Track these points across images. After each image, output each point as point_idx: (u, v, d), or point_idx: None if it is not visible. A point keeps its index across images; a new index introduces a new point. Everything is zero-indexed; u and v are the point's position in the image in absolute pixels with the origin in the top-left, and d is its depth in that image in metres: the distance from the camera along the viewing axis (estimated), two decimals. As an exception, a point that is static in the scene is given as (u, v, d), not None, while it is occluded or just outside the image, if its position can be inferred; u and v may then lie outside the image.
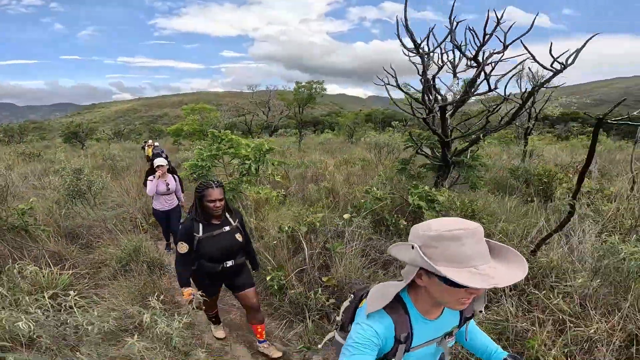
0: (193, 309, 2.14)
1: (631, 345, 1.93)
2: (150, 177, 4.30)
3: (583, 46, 3.06)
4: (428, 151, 4.70)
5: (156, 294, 1.93)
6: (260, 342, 2.58)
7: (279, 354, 2.53)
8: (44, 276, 2.88)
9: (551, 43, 3.02)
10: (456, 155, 4.11)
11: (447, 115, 4.06)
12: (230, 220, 2.35)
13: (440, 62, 4.18)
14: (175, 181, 4.47)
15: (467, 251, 0.82)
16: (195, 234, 2.21)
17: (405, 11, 3.61)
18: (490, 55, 3.86)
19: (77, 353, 1.61)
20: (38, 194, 5.60)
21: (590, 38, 3.03)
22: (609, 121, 1.96)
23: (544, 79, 4.05)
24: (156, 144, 12.46)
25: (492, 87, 3.66)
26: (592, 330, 1.93)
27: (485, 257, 0.84)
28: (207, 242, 2.23)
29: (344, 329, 1.14)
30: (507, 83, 3.91)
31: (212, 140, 4.54)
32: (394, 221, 3.29)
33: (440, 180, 4.31)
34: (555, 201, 3.62)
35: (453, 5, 3.75)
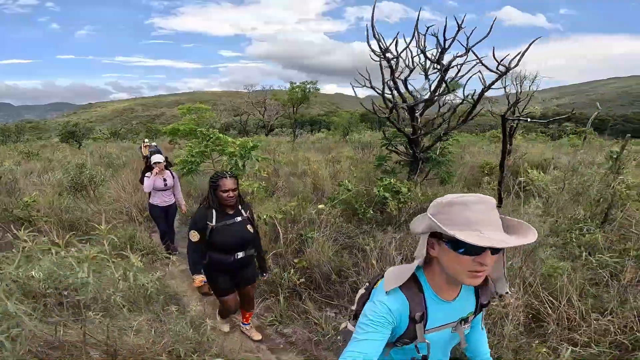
0: (203, 294, 2.19)
1: (535, 322, 2.32)
2: (147, 174, 4.34)
3: (526, 49, 3.45)
4: (403, 149, 5.09)
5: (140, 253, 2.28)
6: (244, 324, 2.78)
7: (259, 337, 2.72)
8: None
9: (494, 47, 3.40)
10: (424, 152, 4.50)
11: (416, 114, 4.45)
12: (242, 211, 2.39)
13: (411, 64, 4.57)
14: (173, 177, 4.46)
15: (473, 216, 0.84)
16: (208, 222, 2.23)
17: (372, 19, 3.99)
18: (454, 58, 4.25)
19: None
20: (39, 189, 5.94)
21: (533, 42, 3.42)
22: (509, 118, 2.34)
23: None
24: (153, 143, 12.77)
25: (451, 89, 4.04)
26: (502, 305, 2.31)
27: (494, 225, 0.85)
28: (220, 231, 2.25)
29: (357, 317, 1.12)
30: (465, 85, 4.30)
31: (202, 139, 4.92)
32: (362, 210, 3.68)
33: (412, 175, 4.70)
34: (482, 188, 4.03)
35: (418, 16, 4.15)
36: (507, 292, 1.07)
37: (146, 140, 16.45)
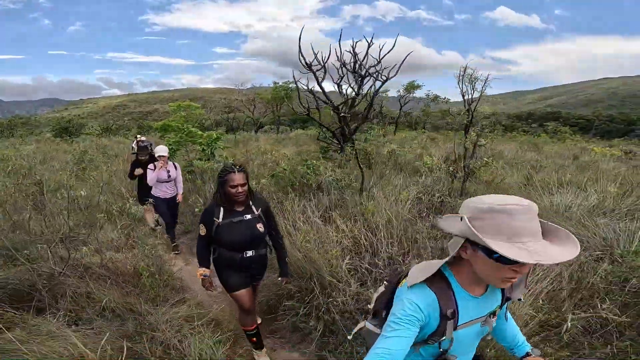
0: (205, 288, 2.19)
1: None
2: (150, 166, 4.32)
3: (402, 61, 4.85)
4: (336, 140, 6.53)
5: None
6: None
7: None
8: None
9: (367, 48, 4.82)
10: (345, 142, 5.93)
11: (341, 113, 5.87)
12: (253, 208, 2.26)
13: (342, 72, 5.99)
14: (176, 169, 4.50)
15: (517, 226, 0.81)
16: (215, 218, 2.16)
17: (299, 39, 5.39)
18: (368, 69, 5.66)
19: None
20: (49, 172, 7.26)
21: (407, 55, 4.82)
22: (345, 115, 3.74)
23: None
24: (142, 138, 13.99)
25: (366, 92, 5.47)
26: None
27: (535, 235, 0.83)
28: (226, 229, 2.16)
29: (377, 316, 1.14)
30: (379, 89, 5.74)
31: (177, 132, 6.31)
32: (291, 183, 5.08)
33: (341, 160, 6.13)
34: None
35: (340, 34, 5.55)
36: (519, 299, 1.08)
37: (138, 136, 17.57)
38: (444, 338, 0.98)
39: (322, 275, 2.54)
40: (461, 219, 0.88)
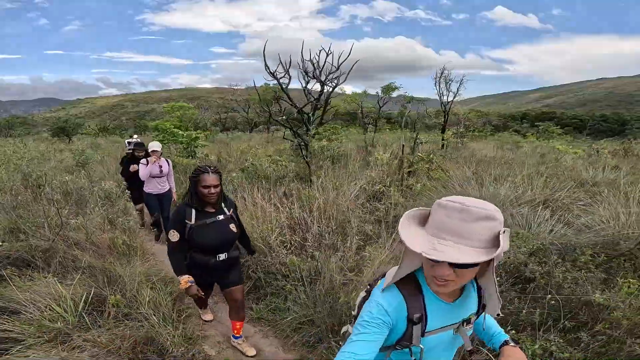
0: (190, 296, 2.15)
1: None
2: (142, 161, 4.41)
3: (349, 72, 5.52)
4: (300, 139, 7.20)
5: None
6: (235, 337, 2.52)
7: (253, 352, 2.46)
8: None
9: (326, 57, 5.49)
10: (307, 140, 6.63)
11: (304, 114, 6.56)
12: (225, 209, 2.26)
13: (307, 77, 6.66)
14: (168, 164, 4.58)
15: (446, 222, 0.81)
16: (187, 221, 2.11)
17: (264, 50, 6.07)
18: (327, 75, 6.34)
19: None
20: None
21: (354, 64, 5.50)
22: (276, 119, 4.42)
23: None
24: (135, 136, 14.68)
25: (316, 97, 6.16)
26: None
27: (461, 237, 0.80)
28: (199, 231, 2.13)
29: None
30: (330, 93, 6.42)
31: (160, 131, 7.01)
32: (257, 176, 5.75)
33: (304, 155, 6.81)
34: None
35: (302, 48, 6.22)
36: (498, 314, 1.01)
37: (135, 136, 18.20)
38: (412, 344, 0.96)
39: (255, 244, 3.23)
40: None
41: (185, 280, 2.11)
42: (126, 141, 6.51)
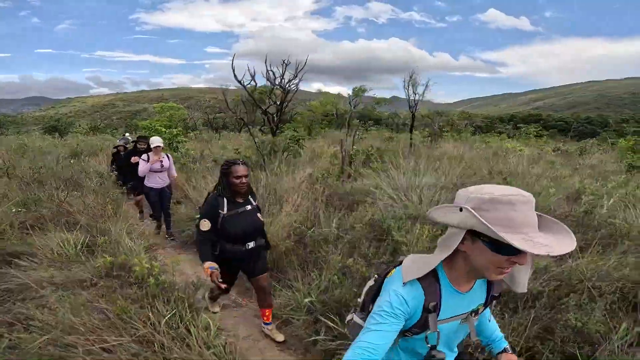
0: (214, 282, 2.18)
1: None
2: (143, 157, 4.44)
3: (303, 74, 6.69)
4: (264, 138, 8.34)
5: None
6: (265, 324, 2.61)
7: (282, 338, 2.56)
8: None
9: (285, 67, 6.67)
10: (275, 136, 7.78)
11: (269, 116, 7.72)
12: (251, 199, 2.39)
13: (271, 84, 7.83)
14: (169, 159, 4.63)
15: (519, 217, 0.82)
16: (220, 210, 2.23)
17: (232, 62, 7.21)
18: (288, 82, 7.51)
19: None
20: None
21: (302, 67, 6.68)
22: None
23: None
24: (127, 134, 15.61)
25: (279, 101, 7.34)
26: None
27: (534, 227, 0.84)
28: (231, 220, 2.25)
29: (364, 309, 1.13)
30: (286, 96, 7.59)
31: (147, 129, 8.11)
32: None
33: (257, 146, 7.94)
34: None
35: (266, 58, 7.38)
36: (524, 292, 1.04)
37: (127, 134, 18.95)
38: (427, 332, 0.99)
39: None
40: (461, 210, 0.88)
41: (208, 265, 2.19)
42: (119, 139, 7.33)
